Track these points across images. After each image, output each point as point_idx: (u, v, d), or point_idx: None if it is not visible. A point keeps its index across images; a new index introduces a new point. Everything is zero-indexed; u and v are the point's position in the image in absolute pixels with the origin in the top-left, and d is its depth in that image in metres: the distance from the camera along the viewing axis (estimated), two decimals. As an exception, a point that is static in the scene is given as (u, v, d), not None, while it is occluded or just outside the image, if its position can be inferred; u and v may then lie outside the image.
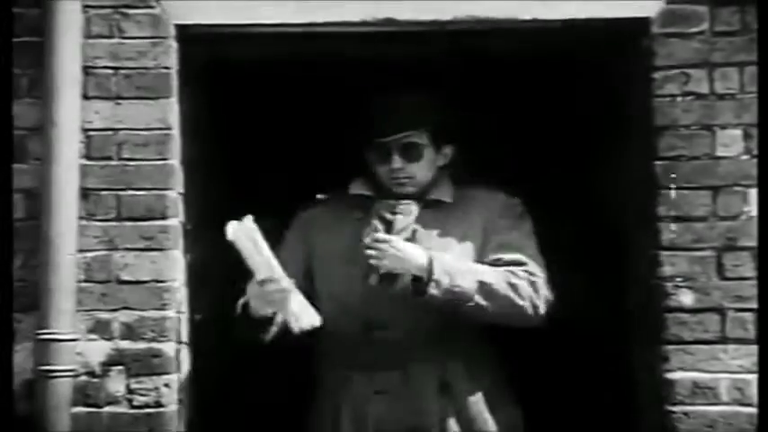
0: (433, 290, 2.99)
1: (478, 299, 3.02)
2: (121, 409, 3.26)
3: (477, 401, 3.12)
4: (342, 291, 3.15)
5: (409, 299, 3.03)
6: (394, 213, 3.15)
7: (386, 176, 3.20)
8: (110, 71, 3.37)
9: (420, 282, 3.01)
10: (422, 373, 3.10)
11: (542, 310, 3.12)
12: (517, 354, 3.83)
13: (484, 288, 3.03)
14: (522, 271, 3.11)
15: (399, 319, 3.10)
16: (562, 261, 3.36)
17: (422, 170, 3.20)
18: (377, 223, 3.13)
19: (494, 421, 3.13)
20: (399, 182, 3.19)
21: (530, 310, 3.08)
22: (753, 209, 3.30)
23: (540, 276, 3.14)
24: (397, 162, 3.16)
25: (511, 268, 3.10)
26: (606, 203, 4.03)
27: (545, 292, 3.13)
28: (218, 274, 3.84)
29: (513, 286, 3.07)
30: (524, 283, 3.09)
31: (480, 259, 3.15)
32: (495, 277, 3.06)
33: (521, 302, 3.07)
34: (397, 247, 3.02)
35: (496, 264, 3.12)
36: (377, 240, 3.02)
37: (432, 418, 3.08)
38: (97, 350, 3.29)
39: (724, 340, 3.28)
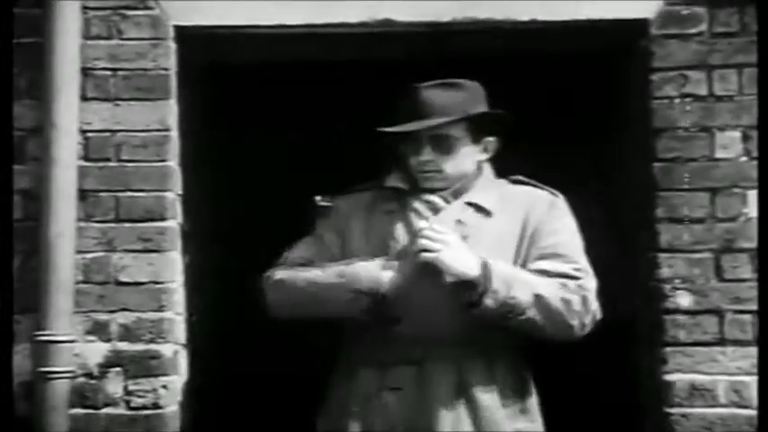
0: (488, 300, 2.85)
1: (532, 313, 2.88)
2: (119, 410, 3.27)
3: (496, 406, 2.94)
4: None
5: (447, 303, 2.90)
6: (434, 209, 3.01)
7: (415, 169, 3.02)
8: (108, 72, 3.38)
9: (473, 290, 2.86)
10: (439, 371, 2.94)
11: (589, 328, 2.97)
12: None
13: (540, 302, 2.88)
14: (576, 286, 2.93)
15: (419, 314, 2.93)
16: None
17: (453, 164, 3.01)
18: (420, 211, 3.00)
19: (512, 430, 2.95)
20: (428, 175, 3.02)
21: (578, 329, 2.94)
22: (751, 210, 3.30)
23: (592, 291, 2.96)
24: (427, 154, 2.98)
25: (563, 281, 2.92)
26: (604, 205, 4.03)
27: (594, 308, 2.96)
28: (216, 276, 3.85)
29: (565, 302, 2.90)
30: (577, 299, 2.91)
31: (521, 263, 2.98)
32: (549, 291, 2.89)
33: (571, 321, 2.91)
34: (454, 243, 2.88)
35: (546, 275, 2.93)
36: (432, 229, 2.87)
37: (445, 419, 2.91)
38: (95, 351, 3.29)
39: (722, 342, 3.28)
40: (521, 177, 3.14)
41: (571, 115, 4.70)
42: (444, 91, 3.00)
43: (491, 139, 3.08)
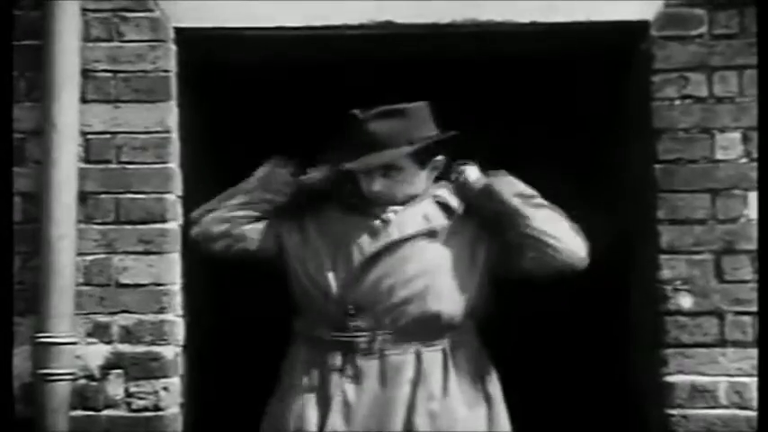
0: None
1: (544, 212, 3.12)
2: (120, 412, 3.27)
3: (452, 396, 3.08)
4: (323, 276, 3.13)
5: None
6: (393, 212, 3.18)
7: (368, 195, 3.18)
8: (109, 74, 3.37)
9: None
10: (397, 363, 3.08)
11: (585, 251, 3.14)
12: (516, 355, 3.84)
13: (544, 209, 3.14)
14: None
15: (378, 306, 3.08)
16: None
17: (402, 190, 3.17)
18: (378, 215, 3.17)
19: (470, 419, 3.09)
20: (381, 201, 3.18)
21: (581, 246, 3.13)
22: (751, 212, 3.30)
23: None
24: (378, 185, 3.15)
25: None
26: (605, 207, 4.03)
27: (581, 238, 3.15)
28: (216, 278, 3.84)
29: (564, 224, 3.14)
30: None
31: (480, 264, 3.17)
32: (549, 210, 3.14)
33: (576, 236, 3.14)
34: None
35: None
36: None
37: (400, 409, 3.05)
38: (96, 353, 3.29)
39: (723, 343, 3.29)
40: None
41: (572, 117, 4.69)
42: (389, 120, 3.12)
43: (439, 158, 3.22)
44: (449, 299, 3.11)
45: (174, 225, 3.35)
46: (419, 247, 3.13)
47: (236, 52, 3.59)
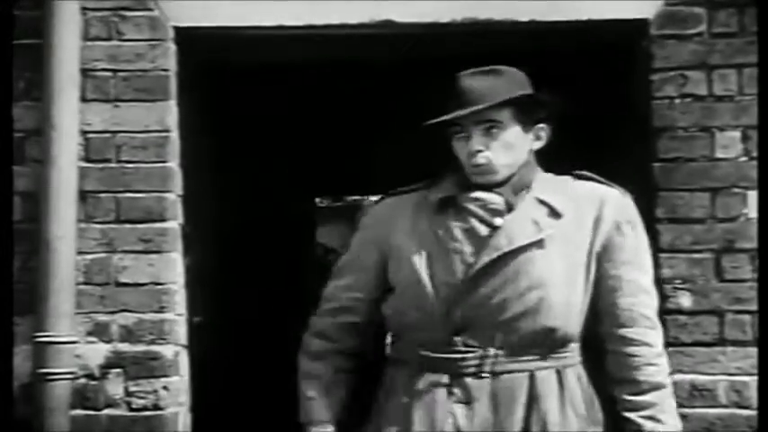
0: None
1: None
2: (120, 411, 3.27)
3: (569, 421, 2.78)
4: (422, 289, 2.79)
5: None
6: (492, 212, 2.79)
7: (467, 163, 2.80)
8: (108, 73, 3.38)
9: None
10: (510, 384, 2.77)
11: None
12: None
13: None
14: (657, 358, 2.82)
15: (489, 322, 2.76)
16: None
17: (505, 153, 2.80)
18: (477, 214, 2.79)
19: None
20: (480, 168, 2.78)
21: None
22: (751, 211, 3.30)
23: (659, 346, 2.82)
24: (477, 144, 2.77)
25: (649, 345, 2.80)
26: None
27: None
28: (216, 277, 3.85)
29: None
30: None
31: (595, 271, 2.80)
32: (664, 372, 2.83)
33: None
34: None
35: (634, 323, 2.80)
36: None
37: None
38: (96, 353, 3.29)
39: (722, 342, 3.29)
40: (583, 172, 2.97)
41: (569, 116, 4.69)
42: (485, 77, 2.83)
43: (542, 125, 2.89)
44: (563, 313, 2.77)
45: (174, 224, 3.35)
46: (530, 256, 2.76)
47: (235, 52, 3.60)
